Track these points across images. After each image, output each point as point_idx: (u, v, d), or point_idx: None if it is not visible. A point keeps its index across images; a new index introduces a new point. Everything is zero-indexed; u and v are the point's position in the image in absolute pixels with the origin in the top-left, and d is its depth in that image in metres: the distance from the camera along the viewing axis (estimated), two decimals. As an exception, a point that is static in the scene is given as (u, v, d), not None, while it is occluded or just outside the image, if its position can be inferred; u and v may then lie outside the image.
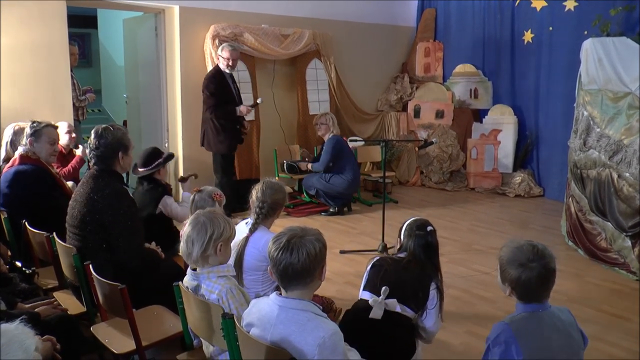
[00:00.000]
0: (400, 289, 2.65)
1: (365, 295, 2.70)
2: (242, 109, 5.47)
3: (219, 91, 5.51)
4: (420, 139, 5.28)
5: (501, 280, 2.06)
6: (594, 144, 4.91)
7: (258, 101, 5.67)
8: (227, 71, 5.70)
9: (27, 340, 1.60)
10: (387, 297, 2.62)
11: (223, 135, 5.56)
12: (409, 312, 2.68)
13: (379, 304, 2.59)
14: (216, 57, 5.66)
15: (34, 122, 3.90)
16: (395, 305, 2.64)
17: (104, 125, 3.11)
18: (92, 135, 3.08)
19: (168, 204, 4.03)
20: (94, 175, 3.05)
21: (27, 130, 3.86)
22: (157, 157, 4.16)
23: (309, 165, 6.36)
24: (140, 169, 4.13)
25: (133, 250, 3.01)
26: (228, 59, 5.64)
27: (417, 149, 5.32)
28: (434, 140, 5.22)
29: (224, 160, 5.73)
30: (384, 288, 2.61)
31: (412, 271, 2.72)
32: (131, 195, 3.16)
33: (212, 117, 5.58)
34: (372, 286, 2.69)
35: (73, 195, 3.13)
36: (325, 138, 6.29)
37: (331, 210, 6.22)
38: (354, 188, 6.36)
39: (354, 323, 2.63)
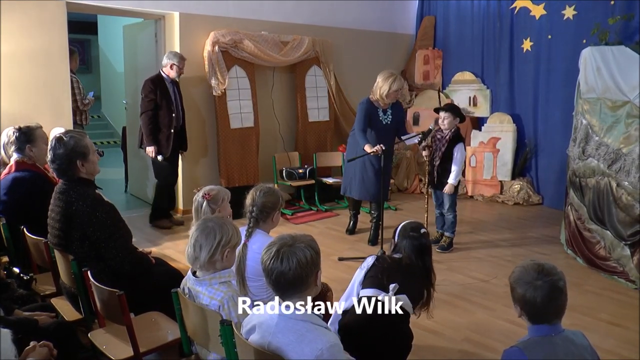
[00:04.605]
0: (406, 290, 2.74)
1: (368, 292, 2.74)
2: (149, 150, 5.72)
3: (153, 95, 5.63)
4: (417, 133, 5.31)
5: (513, 301, 2.05)
6: (592, 152, 4.91)
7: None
8: (177, 79, 5.77)
9: None
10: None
11: (151, 137, 5.70)
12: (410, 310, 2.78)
13: (389, 299, 2.67)
14: (168, 65, 5.71)
15: (20, 128, 3.87)
16: (406, 301, 2.72)
17: (57, 135, 3.01)
18: (48, 147, 3.02)
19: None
20: (63, 190, 2.99)
21: (17, 137, 3.82)
22: None
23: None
24: None
25: (121, 254, 2.99)
26: (183, 67, 5.72)
27: (417, 142, 5.36)
28: (430, 126, 5.27)
29: (156, 164, 5.86)
30: (393, 285, 2.70)
31: (414, 273, 2.81)
32: (106, 199, 3.09)
33: (143, 120, 5.69)
34: (376, 283, 2.74)
35: (49, 213, 3.08)
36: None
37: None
38: None
39: (360, 322, 2.68)
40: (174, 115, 5.76)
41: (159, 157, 5.73)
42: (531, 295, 1.94)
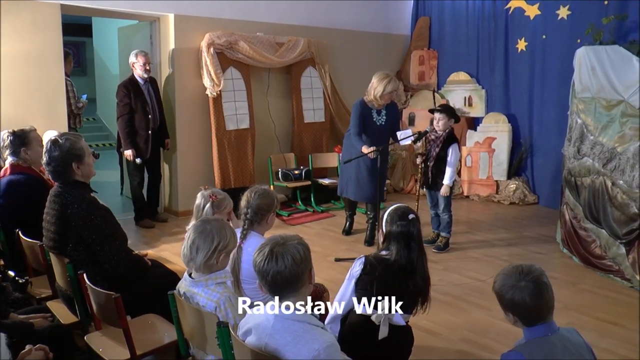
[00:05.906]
0: (399, 297, 2.64)
1: (362, 312, 2.67)
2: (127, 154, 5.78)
3: (128, 100, 5.70)
4: (413, 133, 5.31)
5: (503, 311, 2.05)
6: (587, 151, 4.93)
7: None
8: (145, 76, 5.81)
9: None
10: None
11: (128, 141, 5.79)
12: (407, 316, 2.70)
13: (384, 321, 2.59)
14: (131, 65, 5.81)
15: (14, 131, 3.86)
16: (398, 319, 2.63)
17: (53, 138, 3.01)
18: (44, 150, 3.02)
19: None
20: (59, 193, 2.98)
21: (11, 141, 3.81)
22: None
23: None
24: None
25: (117, 257, 2.98)
26: (145, 64, 5.77)
27: (412, 142, 5.36)
28: (427, 129, 5.28)
29: (130, 166, 5.97)
30: (383, 307, 2.60)
31: (405, 274, 2.68)
32: (101, 202, 3.08)
33: (120, 124, 5.78)
34: (368, 297, 2.64)
35: (44, 216, 3.07)
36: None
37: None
38: None
39: (359, 338, 2.62)
40: (150, 117, 5.80)
41: (137, 160, 5.80)
42: (520, 297, 1.95)
